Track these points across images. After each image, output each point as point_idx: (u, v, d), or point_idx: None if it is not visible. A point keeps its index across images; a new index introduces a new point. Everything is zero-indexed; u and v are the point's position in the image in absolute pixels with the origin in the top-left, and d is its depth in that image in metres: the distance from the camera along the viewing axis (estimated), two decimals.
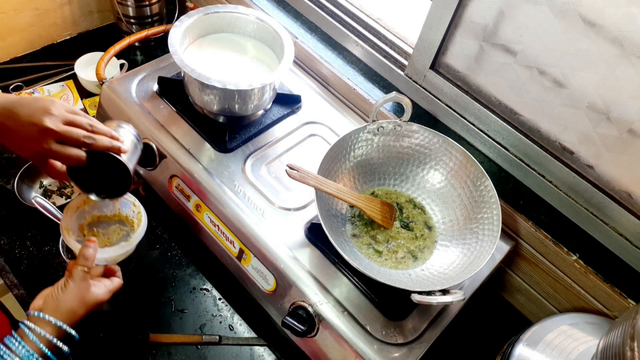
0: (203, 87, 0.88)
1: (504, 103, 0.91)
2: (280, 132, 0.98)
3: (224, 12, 0.97)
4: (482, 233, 0.81)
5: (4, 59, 1.26)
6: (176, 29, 0.90)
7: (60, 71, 1.25)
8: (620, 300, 0.84)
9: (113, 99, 0.97)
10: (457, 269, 0.79)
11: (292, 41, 0.94)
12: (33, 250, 0.94)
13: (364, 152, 0.90)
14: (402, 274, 0.81)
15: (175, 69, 1.02)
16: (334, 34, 1.14)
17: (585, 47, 0.75)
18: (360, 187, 0.91)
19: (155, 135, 0.92)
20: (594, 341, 0.77)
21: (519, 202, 0.92)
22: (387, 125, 0.89)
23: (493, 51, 0.87)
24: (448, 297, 0.70)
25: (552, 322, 0.83)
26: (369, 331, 0.76)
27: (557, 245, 0.88)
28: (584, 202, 0.87)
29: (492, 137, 0.95)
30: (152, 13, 1.31)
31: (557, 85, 0.81)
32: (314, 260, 0.82)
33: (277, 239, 0.82)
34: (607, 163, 0.82)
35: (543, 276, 0.94)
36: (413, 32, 1.04)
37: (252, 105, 0.93)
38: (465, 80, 0.95)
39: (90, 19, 1.36)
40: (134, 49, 1.35)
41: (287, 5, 1.20)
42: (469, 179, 0.86)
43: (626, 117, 0.75)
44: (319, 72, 1.11)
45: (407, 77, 1.03)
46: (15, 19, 1.21)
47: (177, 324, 0.89)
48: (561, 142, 0.86)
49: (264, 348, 0.88)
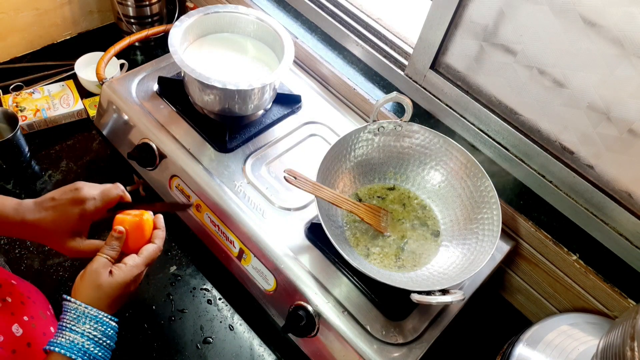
0: (203, 87, 0.88)
1: (504, 103, 0.91)
2: (280, 132, 0.98)
3: (224, 12, 0.97)
4: (482, 233, 0.81)
5: (4, 59, 1.26)
6: (176, 29, 0.90)
7: (61, 71, 1.25)
8: (620, 300, 0.83)
9: (113, 99, 0.97)
10: (457, 269, 0.79)
11: (292, 41, 0.94)
12: (33, 250, 0.94)
13: (365, 152, 0.90)
14: (402, 274, 0.81)
15: (175, 69, 1.03)
16: (334, 34, 1.14)
17: (585, 47, 0.75)
18: (361, 186, 0.91)
19: (155, 135, 0.92)
20: (594, 341, 0.77)
21: (519, 202, 0.92)
22: (387, 125, 0.89)
23: (493, 51, 0.87)
24: (448, 297, 0.70)
25: (552, 322, 0.83)
26: (369, 331, 0.76)
27: (557, 245, 0.88)
28: (584, 202, 0.87)
29: (492, 137, 0.95)
30: (152, 13, 1.31)
31: (557, 85, 0.81)
32: (314, 260, 0.82)
33: (277, 239, 0.82)
34: (607, 163, 0.82)
35: (543, 276, 0.94)
36: (413, 32, 1.04)
37: (252, 105, 0.93)
38: (466, 80, 0.95)
39: (90, 19, 1.36)
40: (134, 49, 1.35)
41: (287, 5, 1.20)
42: (469, 179, 0.86)
43: (626, 117, 0.75)
44: (319, 72, 1.11)
45: (407, 77, 1.03)
46: (15, 19, 1.21)
47: (177, 324, 0.89)
48: (561, 142, 0.86)
49: (264, 348, 0.88)
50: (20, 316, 0.67)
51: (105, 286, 0.62)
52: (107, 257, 0.65)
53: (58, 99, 1.16)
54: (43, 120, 1.12)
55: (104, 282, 0.63)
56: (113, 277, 0.63)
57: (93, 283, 0.63)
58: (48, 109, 1.14)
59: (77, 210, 0.67)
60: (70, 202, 0.67)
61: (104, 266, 0.64)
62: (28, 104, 1.14)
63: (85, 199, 0.67)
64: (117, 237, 0.67)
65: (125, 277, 0.64)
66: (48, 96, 1.17)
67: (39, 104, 1.14)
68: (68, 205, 0.67)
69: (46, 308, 0.72)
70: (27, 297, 0.70)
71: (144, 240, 0.70)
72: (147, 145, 0.92)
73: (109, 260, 0.65)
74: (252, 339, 0.91)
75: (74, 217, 0.67)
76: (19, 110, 1.12)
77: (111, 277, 0.63)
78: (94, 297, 0.62)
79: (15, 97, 1.15)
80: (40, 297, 0.74)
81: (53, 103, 1.15)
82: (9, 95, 1.15)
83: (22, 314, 0.68)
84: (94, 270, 0.63)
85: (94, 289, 0.62)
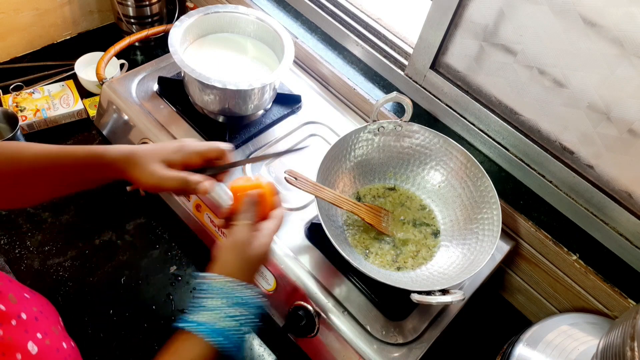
0: (203, 87, 0.88)
1: (504, 103, 0.91)
2: (280, 132, 0.98)
3: (224, 12, 0.97)
4: (482, 233, 0.81)
5: (4, 59, 1.26)
6: (176, 29, 0.90)
7: (61, 71, 1.25)
8: (620, 300, 0.83)
9: (113, 99, 0.97)
10: (457, 269, 0.79)
11: (292, 41, 0.94)
12: (33, 250, 0.94)
13: (365, 152, 0.90)
14: (402, 274, 0.81)
15: (175, 69, 1.02)
16: (334, 34, 1.14)
17: (585, 47, 0.75)
18: (361, 186, 0.91)
19: (155, 135, 0.92)
20: (594, 341, 0.77)
21: (519, 202, 0.92)
22: (387, 125, 0.89)
23: (493, 51, 0.87)
24: (448, 297, 0.70)
25: (552, 322, 0.83)
26: (369, 331, 0.76)
27: (557, 245, 0.88)
28: (584, 202, 0.87)
29: (492, 137, 0.95)
30: (152, 13, 1.31)
31: (557, 85, 0.81)
32: (314, 260, 0.82)
33: (277, 239, 0.82)
34: (607, 163, 0.82)
35: (543, 276, 0.94)
36: (413, 32, 1.04)
37: (252, 105, 0.93)
38: (466, 80, 0.95)
39: (90, 19, 1.36)
40: (134, 49, 1.35)
41: (287, 5, 1.20)
42: (469, 179, 0.86)
43: (626, 117, 0.75)
44: (319, 72, 1.11)
45: (407, 77, 1.03)
46: (15, 19, 1.21)
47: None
48: (561, 142, 0.86)
49: (264, 348, 0.88)
50: (34, 333, 0.62)
51: (250, 255, 0.60)
52: (248, 224, 0.62)
53: (58, 99, 1.16)
54: (43, 120, 1.12)
55: (247, 251, 0.60)
56: (255, 245, 0.60)
57: (237, 252, 0.60)
58: (48, 109, 1.13)
59: (176, 142, 0.67)
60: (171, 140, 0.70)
61: (244, 235, 0.61)
62: (28, 104, 1.14)
63: (187, 141, 0.68)
64: (254, 202, 0.64)
65: (267, 242, 0.62)
66: (48, 96, 1.17)
67: (39, 104, 1.14)
68: (168, 142, 0.69)
69: (57, 322, 0.69)
70: (40, 312, 0.66)
71: (269, 207, 0.67)
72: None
73: (247, 229, 0.62)
74: (252, 339, 0.91)
75: (170, 146, 0.66)
76: (19, 110, 1.12)
77: (255, 246, 0.60)
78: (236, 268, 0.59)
79: (15, 97, 1.15)
80: (52, 311, 0.70)
81: (53, 103, 1.15)
82: (9, 95, 1.15)
83: (35, 330, 0.63)
84: (242, 241, 0.60)
85: (238, 258, 0.59)
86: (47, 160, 0.64)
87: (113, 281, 0.92)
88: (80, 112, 1.16)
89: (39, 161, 0.64)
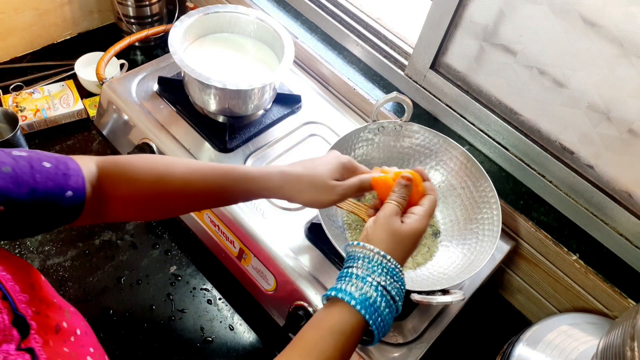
0: (203, 87, 0.88)
1: (504, 103, 0.91)
2: (280, 132, 0.98)
3: (224, 12, 0.97)
4: (482, 233, 0.81)
5: (4, 59, 1.26)
6: (176, 29, 0.90)
7: (60, 71, 1.25)
8: (620, 300, 0.83)
9: (113, 99, 0.97)
10: (457, 269, 0.79)
11: (292, 41, 0.94)
12: (33, 250, 0.94)
13: (365, 151, 0.90)
14: None
15: (175, 69, 1.02)
16: (334, 34, 1.14)
17: (585, 47, 0.75)
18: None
19: (155, 135, 0.92)
20: (594, 341, 0.77)
21: (519, 202, 0.92)
22: (387, 125, 0.89)
23: (493, 51, 0.87)
24: (448, 297, 0.70)
25: (552, 322, 0.83)
26: None
27: (557, 245, 0.88)
28: (584, 202, 0.87)
29: (492, 137, 0.95)
30: (152, 13, 1.31)
31: (557, 85, 0.81)
32: (314, 260, 0.82)
33: (277, 239, 0.82)
34: (607, 163, 0.82)
35: (543, 276, 0.94)
36: (413, 32, 1.04)
37: (252, 105, 0.93)
38: (466, 80, 0.95)
39: (90, 19, 1.36)
40: (134, 49, 1.35)
41: (287, 5, 1.20)
42: (469, 179, 0.86)
43: (626, 117, 0.75)
44: (319, 72, 1.11)
45: (407, 77, 1.03)
46: (15, 19, 1.21)
47: (177, 324, 0.89)
48: (561, 142, 0.86)
49: (264, 348, 0.88)
50: (87, 348, 0.56)
51: (401, 233, 0.57)
52: (398, 205, 0.60)
53: (58, 99, 1.16)
54: (43, 120, 1.12)
55: (399, 228, 0.57)
56: (407, 225, 0.58)
57: (389, 228, 0.57)
58: (48, 109, 1.14)
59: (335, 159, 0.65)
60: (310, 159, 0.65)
61: (396, 213, 0.59)
62: (28, 104, 1.14)
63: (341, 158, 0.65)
64: (406, 185, 0.61)
65: (420, 226, 0.59)
66: (48, 96, 1.17)
67: (39, 104, 1.14)
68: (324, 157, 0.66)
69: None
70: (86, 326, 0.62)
71: (419, 194, 0.64)
72: (147, 145, 0.92)
73: (399, 208, 0.60)
74: (252, 339, 0.91)
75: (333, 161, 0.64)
76: (19, 110, 1.12)
77: (405, 225, 0.58)
78: (389, 245, 0.56)
79: (15, 97, 1.15)
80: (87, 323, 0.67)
81: (53, 103, 1.15)
82: (9, 95, 1.15)
83: (88, 345, 0.53)
84: (388, 217, 0.58)
85: (389, 234, 0.57)
86: (198, 183, 0.61)
87: (113, 281, 0.92)
88: (80, 112, 1.17)
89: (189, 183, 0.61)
